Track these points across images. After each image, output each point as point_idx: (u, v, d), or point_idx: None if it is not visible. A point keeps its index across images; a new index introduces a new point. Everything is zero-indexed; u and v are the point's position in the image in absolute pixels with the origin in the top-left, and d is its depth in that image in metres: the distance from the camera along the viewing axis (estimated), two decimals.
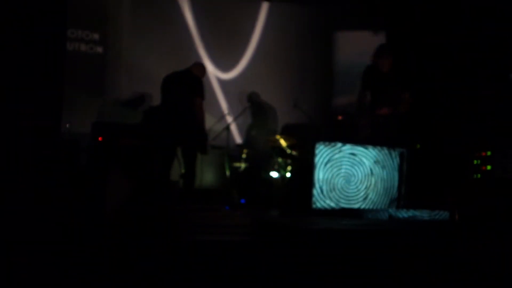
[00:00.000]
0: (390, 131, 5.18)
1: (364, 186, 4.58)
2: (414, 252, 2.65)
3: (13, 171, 4.03)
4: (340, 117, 7.50)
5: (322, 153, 4.44)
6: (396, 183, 4.65)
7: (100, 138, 5.25)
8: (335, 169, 4.48)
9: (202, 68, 6.04)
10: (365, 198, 4.58)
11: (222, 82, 7.80)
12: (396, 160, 4.67)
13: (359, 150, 4.57)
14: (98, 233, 3.52)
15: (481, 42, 5.75)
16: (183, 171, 6.58)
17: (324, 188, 4.41)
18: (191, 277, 2.97)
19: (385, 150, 4.66)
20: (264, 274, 2.83)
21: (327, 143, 4.48)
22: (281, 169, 6.56)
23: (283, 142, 6.74)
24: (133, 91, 7.31)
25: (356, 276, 2.52)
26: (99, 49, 7.32)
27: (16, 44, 4.11)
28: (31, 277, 2.88)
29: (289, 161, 6.62)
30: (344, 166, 4.51)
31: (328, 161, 4.46)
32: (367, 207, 4.56)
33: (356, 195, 4.56)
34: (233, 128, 7.61)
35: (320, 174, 4.41)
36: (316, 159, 4.41)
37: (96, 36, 7.30)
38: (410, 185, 4.63)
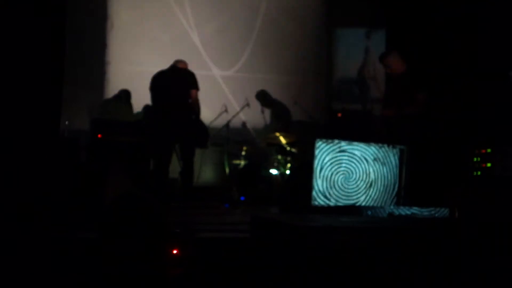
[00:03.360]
0: (399, 131, 5.19)
1: (363, 183, 4.57)
2: (413, 249, 2.64)
3: (12, 169, 4.02)
4: (339, 114, 7.50)
5: (322, 150, 4.43)
6: (396, 181, 4.64)
7: (99, 135, 5.24)
8: (334, 166, 4.47)
9: (185, 63, 5.97)
10: (364, 195, 4.57)
11: (221, 79, 7.78)
12: (396, 157, 4.67)
13: (359, 147, 4.56)
14: (97, 230, 3.52)
15: (481, 38, 5.74)
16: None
17: (323, 185, 4.40)
18: (190, 275, 2.97)
19: (385, 147, 4.65)
20: (264, 271, 2.83)
21: (326, 140, 4.47)
22: (280, 166, 6.55)
23: (282, 139, 6.73)
24: (133, 89, 7.30)
25: (356, 274, 2.51)
26: (98, 48, 7.31)
27: (15, 41, 4.10)
28: (31, 275, 2.87)
29: (288, 158, 6.61)
30: (343, 163, 4.50)
31: (328, 158, 4.45)
32: (366, 204, 4.55)
33: (356, 192, 4.55)
34: (233, 125, 7.59)
35: (320, 171, 4.40)
36: (316, 156, 4.40)
37: (95, 34, 7.29)
38: (410, 183, 4.63)
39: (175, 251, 3.00)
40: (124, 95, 7.22)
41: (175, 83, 5.64)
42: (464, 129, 5.59)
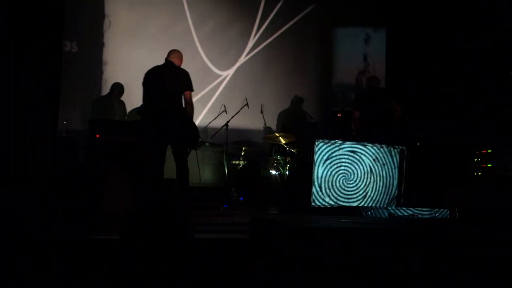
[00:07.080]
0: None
1: (363, 184, 4.55)
2: (413, 250, 2.63)
3: (11, 169, 4.01)
4: (339, 114, 7.48)
5: (322, 150, 4.41)
6: (396, 181, 4.63)
7: (97, 136, 5.22)
8: (334, 167, 4.45)
9: (180, 55, 5.64)
10: (364, 196, 4.55)
11: (220, 79, 7.77)
12: (396, 158, 4.65)
13: (358, 147, 4.55)
14: (96, 231, 3.51)
15: (481, 39, 5.73)
16: None
17: (323, 186, 4.38)
18: (190, 276, 2.95)
19: (385, 148, 4.63)
20: (263, 272, 2.81)
21: (326, 140, 4.45)
22: (280, 166, 6.53)
23: (282, 140, 6.71)
24: (130, 88, 7.28)
25: (356, 275, 2.50)
26: (95, 47, 7.29)
27: (14, 42, 4.09)
28: (30, 275, 2.86)
29: (288, 158, 6.59)
30: (343, 164, 4.48)
31: (328, 158, 4.43)
32: (366, 205, 4.53)
33: (356, 193, 4.53)
34: (232, 126, 7.56)
35: (319, 172, 4.38)
36: (316, 156, 4.38)
37: (92, 33, 7.27)
38: (410, 183, 4.61)
39: None
40: (117, 90, 7.08)
41: (169, 83, 5.46)
42: (464, 129, 5.58)
